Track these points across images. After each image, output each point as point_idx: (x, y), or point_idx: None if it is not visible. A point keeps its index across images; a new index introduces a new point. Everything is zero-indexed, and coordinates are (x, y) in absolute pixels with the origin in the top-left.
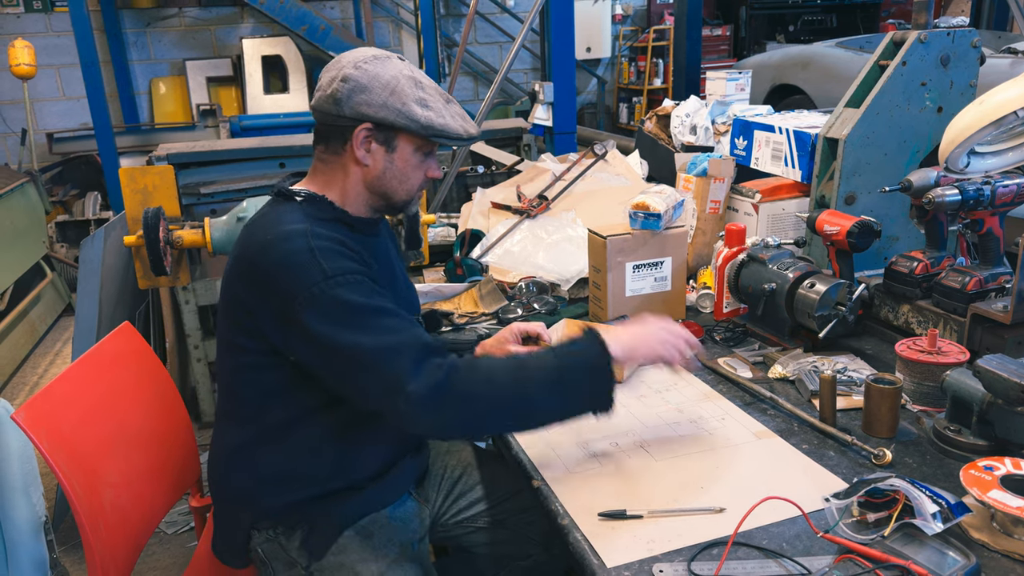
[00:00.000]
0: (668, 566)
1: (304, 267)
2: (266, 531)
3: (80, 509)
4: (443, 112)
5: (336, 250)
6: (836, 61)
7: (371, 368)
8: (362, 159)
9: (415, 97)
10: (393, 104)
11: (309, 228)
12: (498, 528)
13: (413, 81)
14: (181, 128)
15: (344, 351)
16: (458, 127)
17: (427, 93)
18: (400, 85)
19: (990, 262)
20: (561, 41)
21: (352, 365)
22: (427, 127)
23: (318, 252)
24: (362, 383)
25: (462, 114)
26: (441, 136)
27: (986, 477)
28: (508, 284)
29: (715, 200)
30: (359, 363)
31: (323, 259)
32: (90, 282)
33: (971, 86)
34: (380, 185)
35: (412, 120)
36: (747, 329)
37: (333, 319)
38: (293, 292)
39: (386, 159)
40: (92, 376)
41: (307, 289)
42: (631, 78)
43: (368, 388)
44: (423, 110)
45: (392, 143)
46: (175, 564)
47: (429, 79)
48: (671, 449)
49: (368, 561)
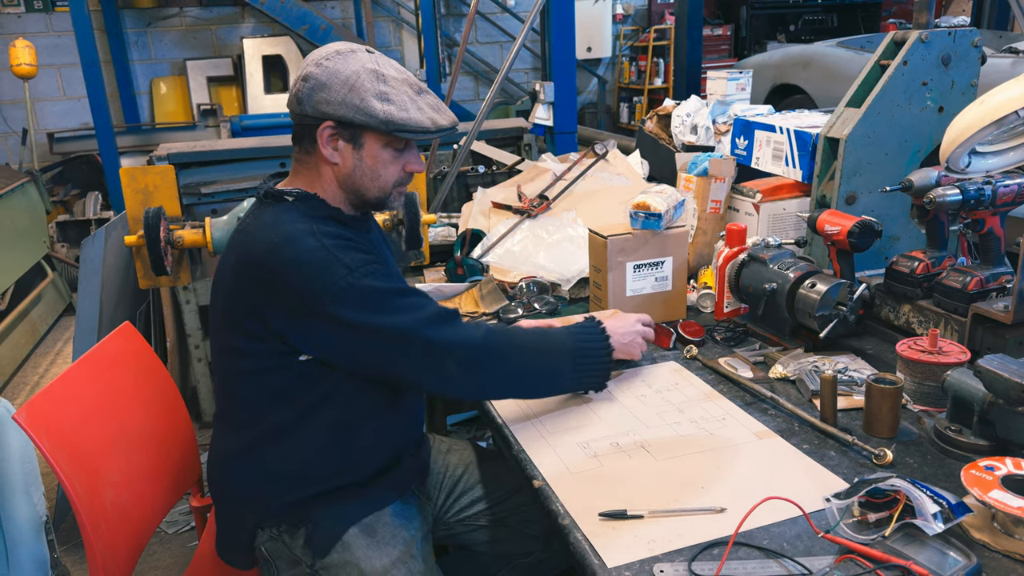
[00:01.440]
0: (669, 566)
1: (324, 264)
2: (270, 530)
3: (81, 509)
4: (407, 105)
5: (346, 244)
6: (837, 61)
7: (416, 340)
8: (330, 157)
9: (375, 91)
10: (351, 100)
11: (313, 227)
12: (499, 526)
13: (375, 75)
14: (182, 128)
15: (386, 332)
16: (424, 119)
17: (390, 86)
18: (359, 80)
19: (991, 262)
20: (562, 41)
21: (396, 343)
22: (386, 122)
23: (333, 248)
24: (410, 357)
25: (434, 104)
26: (404, 131)
27: (987, 477)
28: (509, 284)
29: (716, 200)
30: (403, 339)
31: (340, 254)
32: (91, 282)
33: (972, 86)
34: (351, 183)
35: (370, 116)
36: (748, 329)
37: (368, 307)
38: (315, 289)
39: (355, 156)
40: (93, 376)
41: (333, 284)
42: (632, 78)
43: (415, 361)
44: (382, 104)
45: (358, 140)
46: (176, 564)
47: (399, 71)
48: (672, 449)
49: (372, 558)
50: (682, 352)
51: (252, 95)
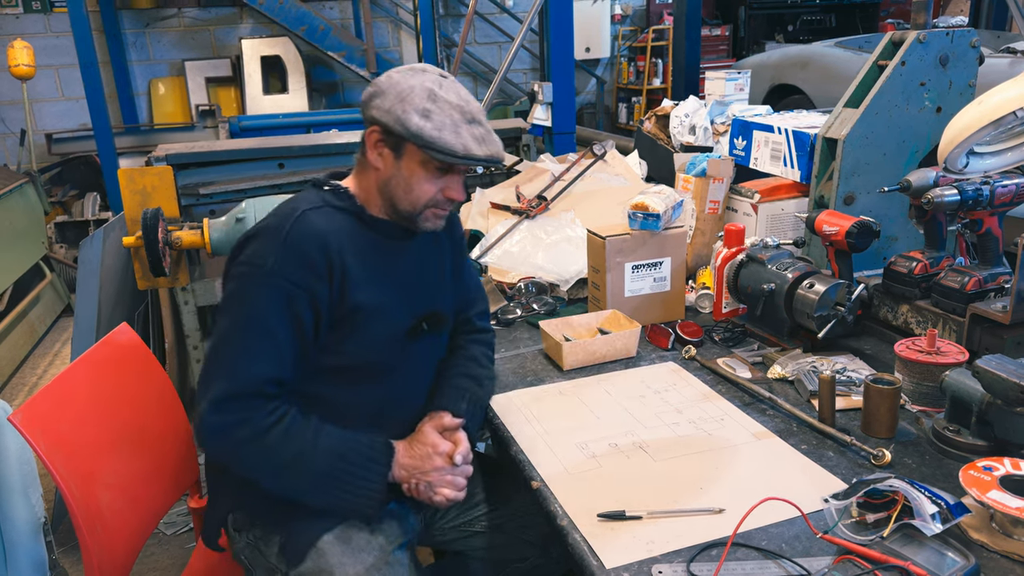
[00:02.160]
0: (667, 567)
1: (267, 235)
2: (245, 534)
3: (77, 511)
4: (444, 126)
5: (304, 247)
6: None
7: (212, 363)
8: (374, 161)
9: (420, 107)
10: (396, 110)
11: (305, 211)
12: (495, 531)
13: (428, 93)
14: (180, 129)
15: (218, 331)
16: (455, 143)
17: (437, 106)
18: (411, 94)
19: (989, 262)
20: (560, 41)
21: (212, 346)
22: (416, 135)
23: (292, 236)
24: (204, 365)
25: (478, 135)
26: (430, 147)
27: (985, 477)
28: (507, 284)
29: (714, 200)
30: (214, 350)
31: (288, 248)
32: (89, 283)
33: (970, 86)
34: (387, 190)
35: (405, 127)
36: (746, 329)
37: (230, 301)
38: (240, 246)
39: (394, 165)
40: (90, 377)
41: (249, 253)
42: (630, 78)
43: (203, 374)
44: (420, 119)
45: (400, 150)
46: (175, 565)
47: (460, 98)
48: (670, 450)
49: (346, 565)
50: (680, 352)
51: (251, 96)
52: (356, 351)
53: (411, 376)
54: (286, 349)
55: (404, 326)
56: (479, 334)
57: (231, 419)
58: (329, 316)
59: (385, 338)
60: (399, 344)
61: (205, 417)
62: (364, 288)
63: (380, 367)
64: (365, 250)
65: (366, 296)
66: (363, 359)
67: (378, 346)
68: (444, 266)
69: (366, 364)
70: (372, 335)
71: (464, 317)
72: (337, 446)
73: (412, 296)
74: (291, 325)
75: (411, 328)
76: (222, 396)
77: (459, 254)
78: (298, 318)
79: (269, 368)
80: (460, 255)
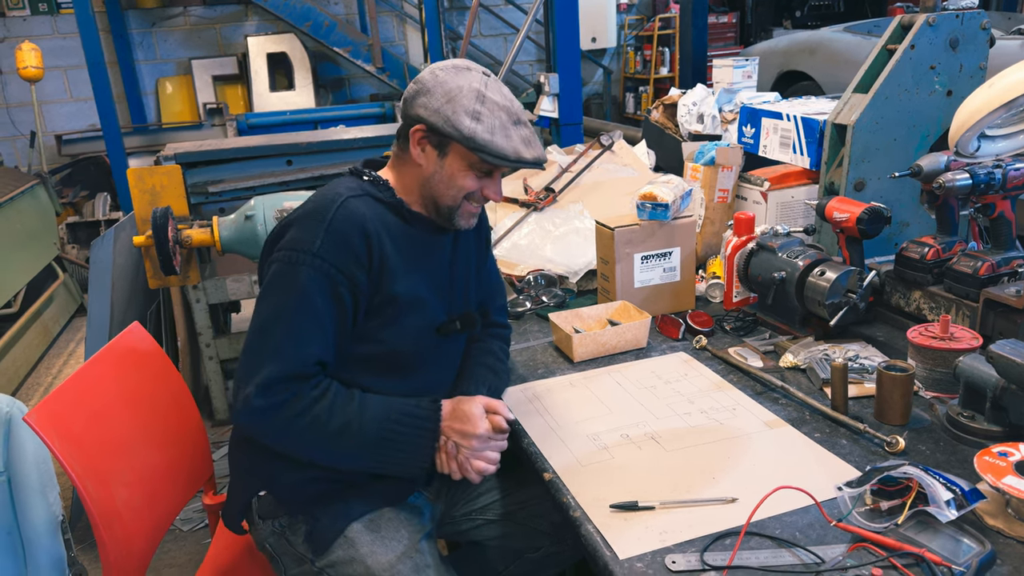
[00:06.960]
0: (681, 557)
1: (310, 217)
2: (270, 521)
3: (94, 509)
4: (494, 129)
5: (347, 233)
6: (844, 46)
7: (258, 347)
8: (417, 158)
9: (469, 109)
10: (445, 111)
11: (348, 197)
12: (508, 521)
13: (476, 94)
14: (188, 127)
15: (260, 315)
16: (507, 147)
17: (486, 108)
18: (460, 95)
19: (1002, 246)
20: (566, 31)
21: (255, 330)
22: (469, 139)
23: (336, 222)
24: (246, 350)
25: (525, 137)
26: (483, 152)
27: (1000, 463)
28: (516, 277)
29: (723, 189)
30: (259, 333)
31: (327, 233)
32: (101, 283)
33: (981, 69)
34: (429, 187)
35: (456, 129)
36: (757, 318)
37: (274, 284)
38: (280, 232)
39: (437, 163)
40: (103, 376)
41: (293, 239)
42: (637, 67)
43: (246, 359)
44: (471, 122)
45: (444, 149)
46: (191, 561)
47: (505, 98)
48: (682, 440)
49: (377, 554)
50: (691, 342)
51: (258, 93)
52: (389, 339)
53: (437, 372)
54: (330, 332)
55: (437, 321)
56: (497, 328)
57: (279, 400)
58: (367, 304)
59: (416, 331)
60: (430, 338)
61: (253, 400)
62: (401, 279)
63: (409, 360)
64: (403, 242)
65: (402, 287)
66: (393, 349)
67: (409, 338)
68: (471, 263)
69: (396, 355)
70: (405, 327)
71: (483, 310)
72: (384, 408)
73: (445, 292)
74: (335, 308)
75: (443, 324)
76: (272, 378)
77: (484, 247)
78: (341, 301)
79: (318, 349)
80: (486, 248)
